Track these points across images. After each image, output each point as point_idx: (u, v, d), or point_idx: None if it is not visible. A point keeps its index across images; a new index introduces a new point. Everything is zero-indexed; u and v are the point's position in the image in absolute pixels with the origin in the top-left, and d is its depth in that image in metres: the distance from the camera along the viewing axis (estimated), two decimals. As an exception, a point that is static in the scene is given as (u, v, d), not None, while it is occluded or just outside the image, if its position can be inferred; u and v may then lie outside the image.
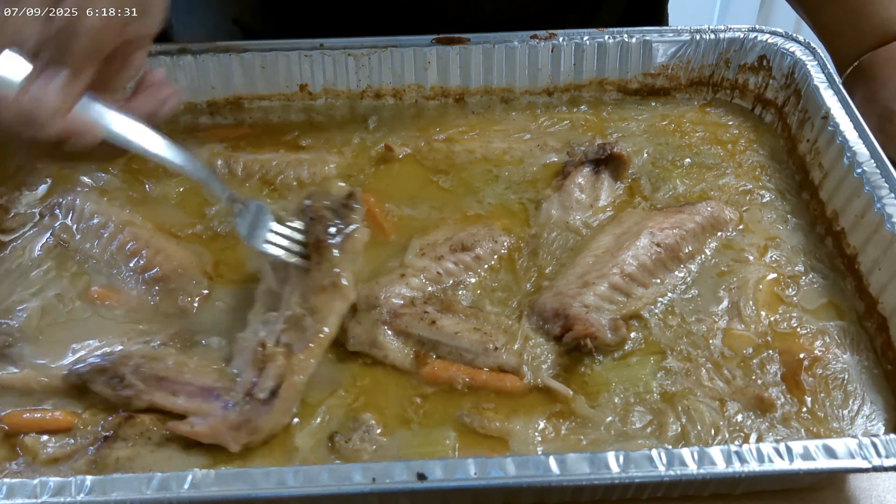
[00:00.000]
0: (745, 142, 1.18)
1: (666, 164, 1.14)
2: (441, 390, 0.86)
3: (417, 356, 0.89)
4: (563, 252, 1.01)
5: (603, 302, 0.92)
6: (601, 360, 0.88)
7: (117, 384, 0.84)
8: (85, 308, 0.95)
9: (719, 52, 1.23)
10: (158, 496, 0.69)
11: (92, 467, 0.79)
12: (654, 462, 0.71)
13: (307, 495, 0.70)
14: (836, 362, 0.88)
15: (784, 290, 0.96)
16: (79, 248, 1.01)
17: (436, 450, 0.80)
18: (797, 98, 1.14)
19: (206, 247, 1.03)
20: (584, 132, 1.21)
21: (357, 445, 0.80)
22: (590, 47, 1.22)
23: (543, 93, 1.25)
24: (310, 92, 1.24)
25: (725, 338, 0.91)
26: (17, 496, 0.69)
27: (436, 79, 1.23)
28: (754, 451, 0.71)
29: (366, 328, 0.90)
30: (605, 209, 1.07)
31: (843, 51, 1.22)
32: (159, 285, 0.96)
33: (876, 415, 0.84)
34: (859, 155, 0.99)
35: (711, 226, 1.03)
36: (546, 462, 0.71)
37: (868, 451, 0.71)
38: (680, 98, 1.26)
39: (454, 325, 0.90)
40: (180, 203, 1.10)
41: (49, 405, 0.85)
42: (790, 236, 1.03)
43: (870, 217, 0.94)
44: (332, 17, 1.31)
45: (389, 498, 0.73)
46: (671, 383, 0.86)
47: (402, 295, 0.93)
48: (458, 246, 0.99)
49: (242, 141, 1.19)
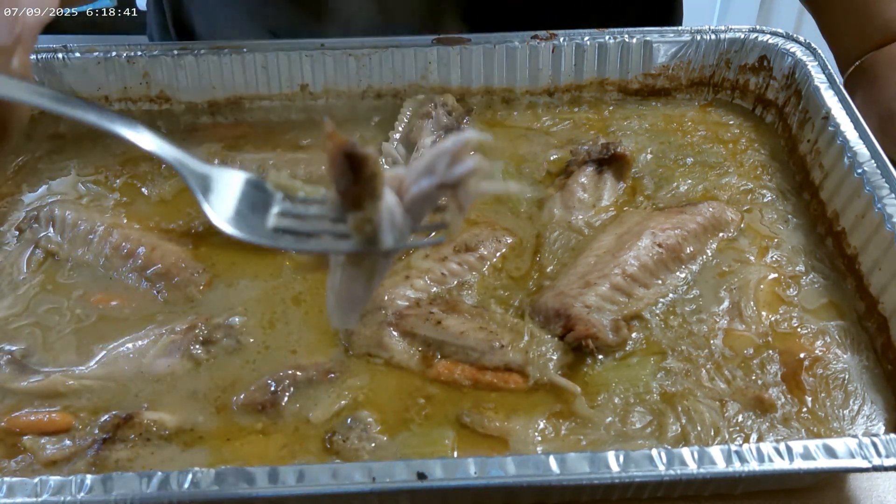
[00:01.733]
0: (745, 141, 1.18)
1: (668, 164, 1.14)
2: (445, 390, 0.86)
3: (423, 357, 0.89)
4: (565, 252, 1.01)
5: (604, 302, 0.92)
6: (601, 361, 0.88)
7: None
8: (89, 314, 0.95)
9: (720, 52, 1.23)
10: (159, 495, 0.69)
11: (92, 469, 0.79)
12: (654, 461, 0.71)
13: (307, 494, 0.70)
14: (836, 362, 0.88)
15: (785, 291, 0.96)
16: (70, 256, 1.01)
17: (435, 449, 0.80)
18: (798, 98, 1.14)
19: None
20: (586, 131, 1.21)
21: (355, 444, 0.80)
22: (590, 47, 1.22)
23: (544, 93, 1.25)
24: (311, 92, 1.24)
25: (726, 338, 0.91)
26: (17, 495, 0.69)
27: (436, 79, 1.23)
28: (754, 451, 0.71)
29: (371, 330, 0.90)
30: (607, 209, 1.07)
31: (846, 50, 1.22)
32: (163, 281, 0.97)
33: (876, 415, 0.83)
34: (860, 155, 0.99)
35: (713, 226, 1.03)
36: (546, 462, 0.71)
37: (868, 450, 0.71)
38: (680, 98, 1.26)
39: (459, 324, 0.90)
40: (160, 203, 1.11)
41: (47, 406, 0.85)
42: (791, 236, 1.03)
43: (870, 217, 0.94)
44: (369, 30, 1.32)
45: (389, 497, 0.73)
46: (671, 384, 0.86)
47: (406, 297, 0.93)
48: (461, 247, 1.00)
49: (242, 140, 1.20)
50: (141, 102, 1.24)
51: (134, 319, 0.94)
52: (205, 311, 0.94)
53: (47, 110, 0.73)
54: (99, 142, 1.20)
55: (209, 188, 0.68)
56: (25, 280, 0.99)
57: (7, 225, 1.06)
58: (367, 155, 0.59)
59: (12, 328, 0.93)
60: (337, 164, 0.60)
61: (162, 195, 1.11)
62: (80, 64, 1.21)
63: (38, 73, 1.21)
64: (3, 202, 1.10)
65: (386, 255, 0.67)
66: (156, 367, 0.88)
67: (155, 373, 0.88)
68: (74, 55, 1.21)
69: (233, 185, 0.69)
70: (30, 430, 0.83)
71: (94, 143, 1.20)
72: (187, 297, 0.96)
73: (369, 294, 0.69)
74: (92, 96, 1.23)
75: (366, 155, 0.59)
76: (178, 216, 1.07)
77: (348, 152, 0.59)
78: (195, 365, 0.89)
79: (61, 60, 1.21)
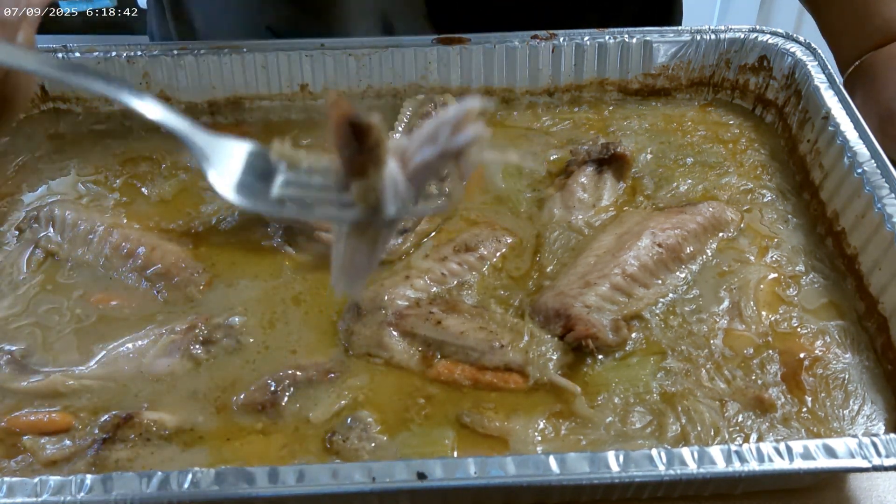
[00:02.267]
0: (745, 141, 1.18)
1: (668, 163, 1.14)
2: (445, 390, 0.86)
3: (423, 357, 0.89)
4: (565, 252, 1.01)
5: (604, 302, 0.92)
6: (601, 361, 0.88)
7: None
8: (89, 314, 0.95)
9: (720, 52, 1.23)
10: (158, 495, 0.69)
11: (92, 469, 0.79)
12: (653, 461, 0.71)
13: (307, 494, 0.70)
14: (836, 362, 0.88)
15: (785, 291, 0.96)
16: (70, 256, 1.01)
17: (435, 449, 0.80)
18: (798, 98, 1.14)
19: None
20: (586, 131, 1.21)
21: (355, 444, 0.80)
22: (590, 47, 1.22)
23: (544, 93, 1.25)
24: (310, 92, 1.24)
25: (726, 338, 0.91)
26: (17, 495, 0.69)
27: (436, 79, 1.23)
28: (754, 451, 0.71)
29: (371, 330, 0.90)
30: (607, 209, 1.07)
31: (846, 50, 1.22)
32: (163, 280, 0.97)
33: (876, 414, 0.83)
34: (860, 155, 0.99)
35: (713, 226, 1.02)
36: (546, 461, 0.71)
37: (868, 450, 0.71)
38: (680, 98, 1.26)
39: (460, 324, 0.90)
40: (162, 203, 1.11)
41: (47, 406, 0.85)
42: (791, 236, 1.03)
43: (870, 217, 0.94)
44: (369, 28, 1.32)
45: (389, 497, 0.73)
46: (671, 384, 0.86)
47: (406, 297, 0.93)
48: (461, 247, 1.00)
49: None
50: (141, 102, 1.24)
51: (134, 319, 0.94)
52: (205, 311, 0.94)
53: (53, 79, 0.73)
54: (99, 142, 1.20)
55: (213, 158, 0.68)
56: (25, 280, 0.99)
57: (7, 225, 1.06)
58: (372, 123, 0.59)
59: (12, 328, 0.93)
60: (341, 133, 0.59)
61: (162, 195, 1.11)
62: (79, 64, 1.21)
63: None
64: (3, 202, 1.10)
65: (389, 225, 0.66)
66: (156, 367, 0.88)
67: (155, 373, 0.88)
68: (74, 55, 1.21)
69: (236, 155, 0.69)
70: (30, 430, 0.83)
71: (94, 143, 1.20)
72: (187, 297, 0.96)
73: (373, 263, 0.68)
74: (92, 96, 1.23)
75: (370, 123, 0.59)
76: (178, 216, 1.07)
77: (353, 120, 0.58)
78: (195, 365, 0.89)
79: (61, 60, 1.21)
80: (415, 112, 1.18)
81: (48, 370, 0.88)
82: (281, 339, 0.92)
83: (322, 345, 0.91)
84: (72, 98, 1.23)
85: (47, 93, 1.23)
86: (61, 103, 1.23)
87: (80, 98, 1.23)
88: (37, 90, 1.21)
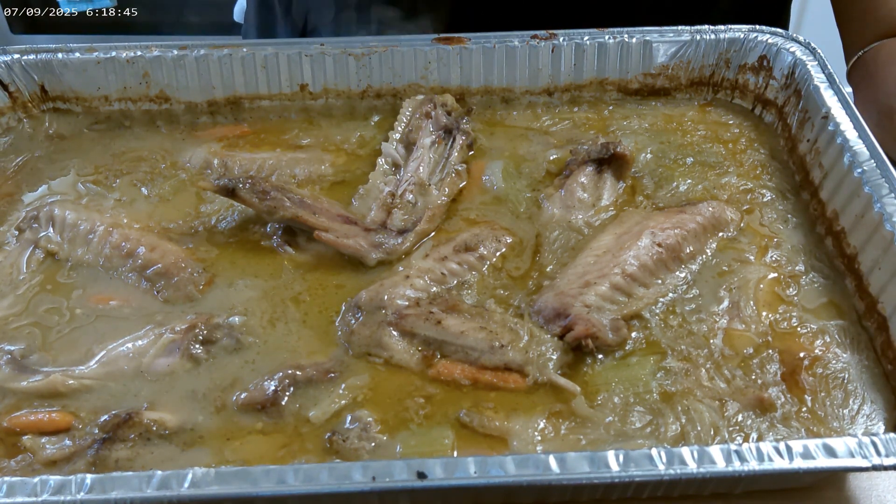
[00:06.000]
0: (745, 141, 1.18)
1: (668, 163, 1.14)
2: (445, 390, 0.86)
3: (423, 356, 0.89)
4: (565, 251, 1.01)
5: (604, 302, 0.92)
6: (601, 360, 0.88)
7: (263, 195, 1.00)
8: (89, 314, 0.95)
9: (719, 52, 1.23)
10: (159, 494, 0.69)
11: (91, 469, 0.79)
12: (653, 461, 0.71)
13: (307, 494, 0.70)
14: (836, 362, 0.88)
15: (784, 290, 0.96)
16: (70, 256, 1.01)
17: (435, 449, 0.80)
18: (797, 98, 1.14)
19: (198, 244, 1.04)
20: (586, 131, 1.21)
21: (355, 444, 0.80)
22: (590, 47, 1.22)
23: (544, 93, 1.25)
24: (310, 92, 1.24)
25: (726, 337, 0.91)
26: (17, 495, 0.69)
27: (436, 79, 1.23)
28: (754, 450, 0.71)
29: (371, 330, 0.90)
30: (607, 208, 1.07)
31: (851, 37, 1.22)
32: (163, 280, 0.97)
33: (876, 414, 0.84)
34: (859, 155, 0.99)
35: (713, 226, 1.03)
36: (546, 461, 0.71)
37: (868, 450, 0.71)
38: (680, 98, 1.26)
39: (460, 324, 0.90)
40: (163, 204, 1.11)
41: (47, 406, 0.85)
42: (790, 236, 1.03)
43: (870, 217, 0.94)
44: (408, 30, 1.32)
45: (389, 497, 0.73)
46: (671, 383, 0.86)
47: (406, 296, 0.93)
48: (461, 246, 1.00)
49: (241, 140, 1.20)
50: (141, 102, 1.24)
51: (134, 319, 0.94)
52: (205, 310, 0.94)
53: None
54: (99, 142, 1.20)
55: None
56: (25, 280, 0.99)
57: (7, 225, 1.06)
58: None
59: (12, 328, 0.93)
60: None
61: (162, 195, 1.11)
62: (79, 64, 1.21)
63: (38, 72, 1.21)
64: (3, 202, 1.10)
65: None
66: (156, 366, 0.88)
67: (155, 372, 0.88)
68: (74, 55, 1.21)
69: None
70: (30, 429, 0.83)
71: (94, 143, 1.20)
72: (187, 296, 0.96)
73: None
74: (92, 96, 1.23)
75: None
76: (178, 216, 1.07)
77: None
78: (195, 365, 0.89)
79: (61, 60, 1.21)
80: (414, 112, 1.18)
81: (48, 370, 0.88)
82: (281, 338, 0.92)
83: (322, 345, 0.91)
84: (72, 98, 1.23)
85: (47, 93, 1.23)
86: (61, 103, 1.24)
87: (80, 98, 1.23)
88: (37, 90, 1.22)
